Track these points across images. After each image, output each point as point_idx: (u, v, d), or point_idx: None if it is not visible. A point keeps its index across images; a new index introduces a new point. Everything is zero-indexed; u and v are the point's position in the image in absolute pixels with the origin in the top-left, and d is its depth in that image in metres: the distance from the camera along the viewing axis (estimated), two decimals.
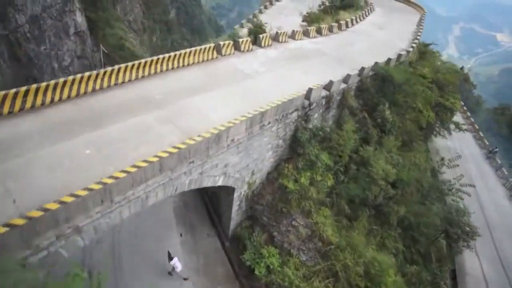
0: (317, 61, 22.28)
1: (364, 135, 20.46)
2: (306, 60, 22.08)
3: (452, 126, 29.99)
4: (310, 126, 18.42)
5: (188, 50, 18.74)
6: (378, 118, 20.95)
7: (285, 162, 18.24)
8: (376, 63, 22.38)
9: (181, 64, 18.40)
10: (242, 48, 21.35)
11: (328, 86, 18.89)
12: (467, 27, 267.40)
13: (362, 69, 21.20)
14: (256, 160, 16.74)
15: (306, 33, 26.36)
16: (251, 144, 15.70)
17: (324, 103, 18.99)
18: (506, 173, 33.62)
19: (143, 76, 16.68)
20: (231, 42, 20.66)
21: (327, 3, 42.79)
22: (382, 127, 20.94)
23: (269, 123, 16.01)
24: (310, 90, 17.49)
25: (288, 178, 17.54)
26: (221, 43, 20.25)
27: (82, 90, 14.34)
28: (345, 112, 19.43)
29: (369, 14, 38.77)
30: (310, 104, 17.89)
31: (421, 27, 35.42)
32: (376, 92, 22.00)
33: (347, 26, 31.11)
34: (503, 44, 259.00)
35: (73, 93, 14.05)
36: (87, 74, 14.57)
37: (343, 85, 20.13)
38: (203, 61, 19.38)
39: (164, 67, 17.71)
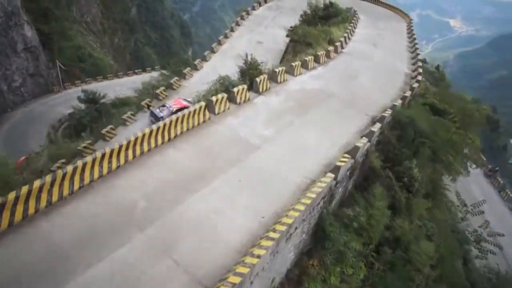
0: (326, 109, 18.11)
1: (390, 199, 16.72)
2: (314, 108, 17.87)
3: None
4: (334, 207, 14.45)
5: (174, 117, 13.97)
6: (404, 177, 17.26)
7: (307, 255, 14.16)
8: (394, 106, 18.53)
9: (166, 139, 13.69)
10: (238, 100, 16.82)
11: (353, 152, 14.84)
12: (423, 14, 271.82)
13: (382, 118, 17.29)
14: (277, 270, 12.55)
15: (304, 64, 22.05)
16: (274, 262, 11.47)
17: (348, 174, 14.98)
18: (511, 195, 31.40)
19: (114, 168, 11.92)
20: (224, 96, 16.06)
21: (309, 12, 38.59)
22: (410, 187, 17.30)
23: (296, 228, 11.81)
24: (337, 168, 13.36)
25: (315, 280, 13.51)
26: (214, 99, 15.61)
27: None
28: (376, 185, 15.48)
29: (356, 25, 34.91)
30: (337, 183, 13.83)
31: (415, 42, 32.00)
32: (397, 140, 18.26)
33: (342, 47, 27.05)
34: (456, 30, 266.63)
35: None
36: None
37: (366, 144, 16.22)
38: (193, 127, 14.73)
39: (145, 147, 12.97)
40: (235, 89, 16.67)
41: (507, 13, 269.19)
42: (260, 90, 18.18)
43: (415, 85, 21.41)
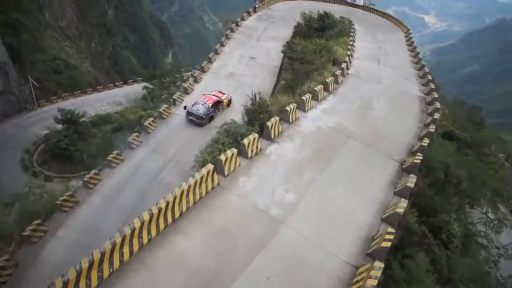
0: (348, 156, 15.37)
1: (429, 260, 14.26)
2: (335, 156, 15.13)
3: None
4: None
5: (178, 191, 10.95)
6: (441, 232, 14.84)
7: None
8: (422, 148, 15.99)
9: (170, 221, 10.70)
10: (249, 154, 13.90)
11: (393, 219, 12.25)
12: (399, 10, 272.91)
13: (413, 166, 14.73)
14: None
15: (314, 95, 19.25)
16: None
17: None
18: None
19: (106, 276, 8.90)
20: (234, 153, 13.09)
21: (302, 23, 35.80)
22: (448, 244, 14.90)
23: None
24: (382, 251, 10.73)
25: None
26: (222, 157, 12.63)
27: None
28: (419, 254, 12.91)
29: (355, 38, 32.38)
30: None
31: (419, 57, 29.75)
32: (428, 187, 15.79)
33: (347, 68, 24.40)
34: (430, 26, 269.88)
35: None
36: None
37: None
38: (200, 198, 11.77)
39: (145, 238, 9.96)
40: (246, 141, 13.73)
41: (476, 9, 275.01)
42: (272, 136, 15.31)
43: (436, 115, 18.99)
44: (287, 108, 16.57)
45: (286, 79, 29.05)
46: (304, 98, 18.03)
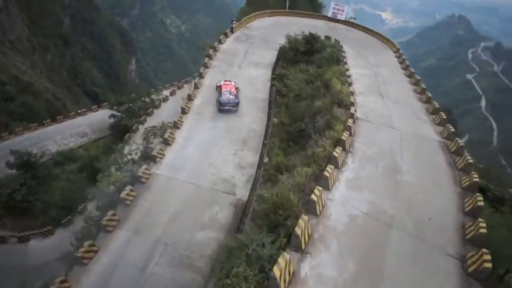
0: (399, 265, 11.65)
1: None
2: (383, 264, 11.40)
3: None
4: None
5: None
6: None
7: None
8: (481, 236, 12.62)
9: None
10: (281, 287, 9.83)
11: None
12: (358, 8, 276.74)
13: (483, 271, 11.32)
14: None
15: (333, 161, 15.42)
16: None
17: None
18: None
19: None
20: None
21: (286, 46, 31.94)
22: None
23: None
24: None
25: None
26: None
27: None
28: None
29: (347, 63, 28.96)
30: None
31: (421, 84, 26.73)
32: None
33: (355, 111, 20.74)
34: (388, 22, 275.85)
35: None
36: None
37: None
38: None
39: None
40: (277, 271, 9.64)
41: (429, 6, 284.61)
42: (303, 245, 11.32)
43: (475, 177, 15.76)
44: (314, 197, 12.57)
45: (280, 118, 25.20)
46: (326, 173, 14.13)
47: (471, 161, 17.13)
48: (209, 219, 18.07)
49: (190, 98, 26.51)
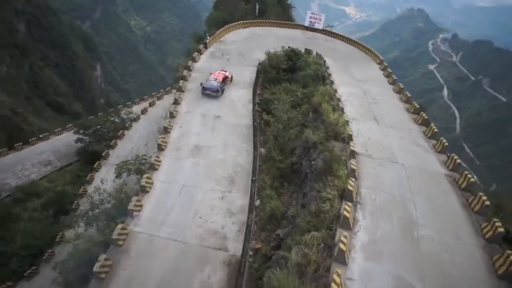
0: None
1: None
2: None
3: None
4: None
5: None
6: None
7: None
8: None
9: None
10: None
11: None
12: (322, 3, 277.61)
13: None
14: None
15: (345, 223, 13.05)
16: None
17: None
18: None
19: None
20: None
21: (266, 62, 29.30)
22: None
23: None
24: None
25: None
26: None
27: None
28: None
29: (334, 80, 26.72)
30: None
31: (414, 103, 24.91)
32: None
33: (353, 145, 18.42)
34: (352, 16, 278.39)
35: None
36: None
37: None
38: None
39: None
40: None
41: (389, 0, 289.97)
42: None
43: (499, 226, 13.88)
44: (335, 286, 10.11)
45: (267, 149, 22.61)
46: (342, 245, 11.71)
47: (487, 202, 15.27)
48: (200, 286, 15.33)
49: (166, 130, 23.34)
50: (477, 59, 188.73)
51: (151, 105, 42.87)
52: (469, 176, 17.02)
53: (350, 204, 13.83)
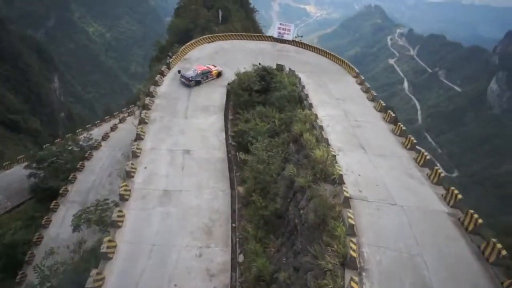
0: None
1: None
2: None
3: None
4: None
5: None
6: None
7: None
8: None
9: None
10: None
11: None
12: (283, 3, 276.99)
13: None
14: None
15: None
16: None
17: None
18: None
19: None
20: None
21: (236, 84, 26.44)
22: None
23: None
24: None
25: None
26: None
27: None
28: None
29: (311, 101, 24.27)
30: None
31: (398, 122, 22.92)
32: None
33: (346, 190, 15.97)
34: (312, 15, 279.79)
35: None
36: None
37: None
38: None
39: None
40: None
41: None
42: None
43: None
44: None
45: (246, 188, 19.80)
46: None
47: (504, 252, 13.32)
48: None
49: (128, 175, 19.86)
50: (432, 53, 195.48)
51: (112, 129, 38.64)
52: (475, 216, 15.03)
53: (356, 279, 11.31)
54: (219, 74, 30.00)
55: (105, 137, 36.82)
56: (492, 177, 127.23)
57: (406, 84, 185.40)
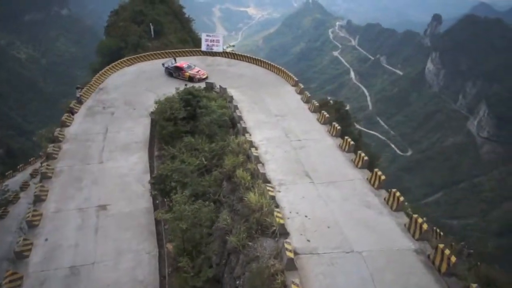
0: None
1: None
2: None
3: None
4: None
5: None
6: None
7: None
8: None
9: None
10: None
11: None
12: (223, 7, 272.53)
13: None
14: None
15: None
16: None
17: None
18: None
19: None
20: None
21: (159, 117, 22.26)
22: None
23: None
24: None
25: None
26: None
27: None
28: None
29: (245, 122, 20.64)
30: None
31: (345, 137, 19.81)
32: None
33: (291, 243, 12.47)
34: (254, 16, 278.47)
35: None
36: None
37: None
38: None
39: None
40: None
41: None
42: None
43: None
44: None
45: (175, 247, 15.71)
46: None
47: None
48: None
49: (20, 255, 15.01)
50: (371, 41, 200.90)
51: (33, 175, 32.64)
52: (447, 252, 12.04)
53: None
54: (199, 79, 28.25)
55: (23, 186, 30.87)
56: (440, 151, 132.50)
57: (352, 74, 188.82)
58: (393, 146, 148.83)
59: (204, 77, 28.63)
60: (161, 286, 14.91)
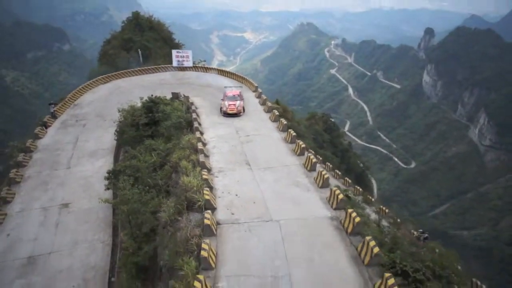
0: None
1: None
2: None
3: None
4: None
5: None
6: None
7: None
8: None
9: None
10: None
11: None
12: (221, 34, 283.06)
13: None
14: None
15: None
16: None
17: None
18: None
19: None
20: None
21: (123, 125, 24.35)
22: None
23: None
24: None
25: None
26: None
27: None
28: None
29: (200, 123, 22.56)
30: None
31: (307, 152, 21.57)
32: None
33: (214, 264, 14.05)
34: (251, 41, 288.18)
35: None
36: None
37: None
38: None
39: None
40: None
41: (280, 20, 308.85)
42: None
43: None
44: None
45: (125, 233, 17.29)
46: None
47: (376, 249, 11.77)
48: None
49: None
50: (367, 57, 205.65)
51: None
52: (353, 215, 13.51)
53: None
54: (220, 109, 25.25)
55: None
56: (444, 161, 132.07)
57: (350, 90, 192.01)
58: (396, 159, 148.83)
59: (231, 111, 24.26)
60: (111, 269, 16.43)
